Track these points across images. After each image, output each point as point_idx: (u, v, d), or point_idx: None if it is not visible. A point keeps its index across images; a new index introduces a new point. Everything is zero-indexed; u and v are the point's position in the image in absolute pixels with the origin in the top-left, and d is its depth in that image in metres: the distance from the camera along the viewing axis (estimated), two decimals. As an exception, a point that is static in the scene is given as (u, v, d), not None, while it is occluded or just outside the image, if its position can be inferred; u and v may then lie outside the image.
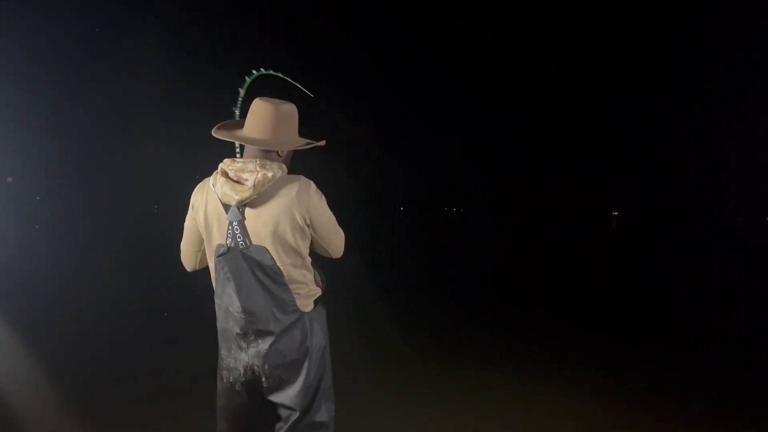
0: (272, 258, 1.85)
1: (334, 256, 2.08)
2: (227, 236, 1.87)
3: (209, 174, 1.92)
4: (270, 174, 1.83)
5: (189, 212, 1.97)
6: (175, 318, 5.99)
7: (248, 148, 1.93)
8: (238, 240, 1.85)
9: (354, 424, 3.26)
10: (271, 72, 2.12)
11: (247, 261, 1.85)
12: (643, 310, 7.82)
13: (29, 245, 11.66)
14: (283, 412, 1.95)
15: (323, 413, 1.99)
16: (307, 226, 1.89)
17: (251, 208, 1.84)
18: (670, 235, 30.89)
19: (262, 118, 1.90)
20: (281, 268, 1.87)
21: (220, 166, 1.89)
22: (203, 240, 1.96)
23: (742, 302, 8.58)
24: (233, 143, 1.97)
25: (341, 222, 2.07)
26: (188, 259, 2.07)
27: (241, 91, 2.07)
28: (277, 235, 1.84)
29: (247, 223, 1.84)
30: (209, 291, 2.00)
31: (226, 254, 1.88)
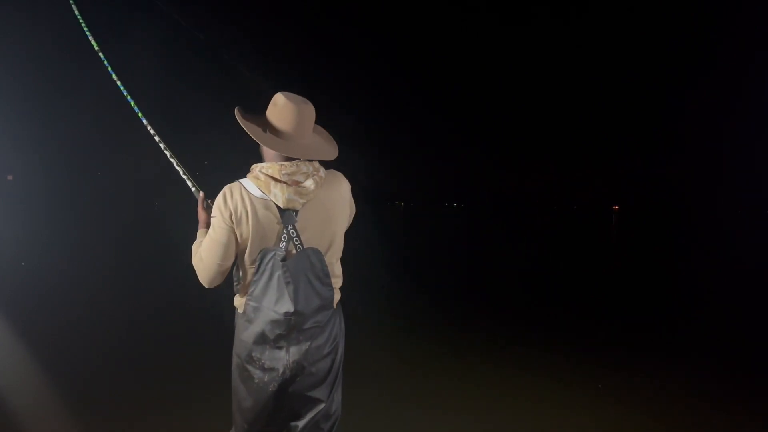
0: (323, 259, 1.88)
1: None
2: (281, 241, 1.84)
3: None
4: (322, 173, 1.87)
5: (223, 224, 1.83)
6: (175, 316, 6.00)
7: (279, 146, 1.86)
8: (295, 243, 1.85)
9: (353, 413, 3.28)
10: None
11: (303, 264, 1.86)
12: (646, 303, 7.83)
13: (29, 242, 11.66)
14: (311, 404, 1.97)
15: (337, 402, 2.05)
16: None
17: (305, 210, 1.85)
18: (671, 228, 30.89)
19: (310, 125, 1.90)
20: (329, 267, 1.91)
21: (261, 170, 1.83)
22: (236, 252, 1.88)
23: (742, 296, 8.60)
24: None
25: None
26: (215, 275, 1.89)
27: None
28: (332, 235, 1.89)
29: (299, 225, 1.84)
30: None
31: (286, 259, 1.84)
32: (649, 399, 3.95)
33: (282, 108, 1.86)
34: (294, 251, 1.85)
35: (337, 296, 1.99)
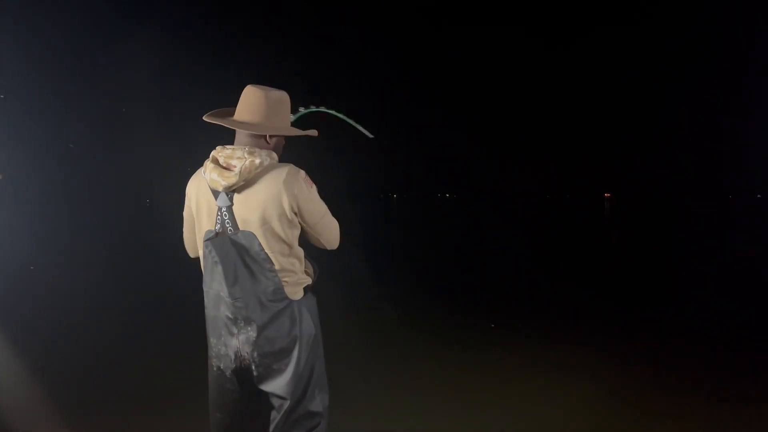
0: (260, 245, 1.84)
1: (328, 248, 2.04)
2: (216, 222, 1.87)
3: (201, 166, 1.92)
4: (257, 161, 1.82)
5: (186, 201, 2.00)
6: (167, 312, 6.00)
7: (238, 135, 1.93)
8: (227, 226, 1.85)
9: (348, 414, 3.29)
10: (323, 109, 2.22)
11: (235, 246, 1.85)
12: (641, 293, 7.88)
13: (22, 242, 11.59)
14: (275, 402, 1.93)
15: (317, 403, 1.97)
16: (295, 214, 1.87)
17: (239, 194, 1.83)
18: (664, 215, 31.05)
19: (252, 103, 1.90)
20: (270, 255, 1.85)
21: (212, 153, 1.90)
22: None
23: (737, 282, 8.67)
24: (231, 136, 1.96)
25: (334, 212, 2.05)
26: (191, 247, 2.08)
27: (292, 117, 2.09)
28: (264, 222, 1.83)
29: (235, 209, 1.84)
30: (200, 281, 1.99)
31: (214, 239, 1.88)
32: (649, 393, 3.98)
33: (242, 93, 1.95)
34: (227, 233, 1.87)
35: (293, 290, 1.92)
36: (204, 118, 1.95)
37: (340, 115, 2.23)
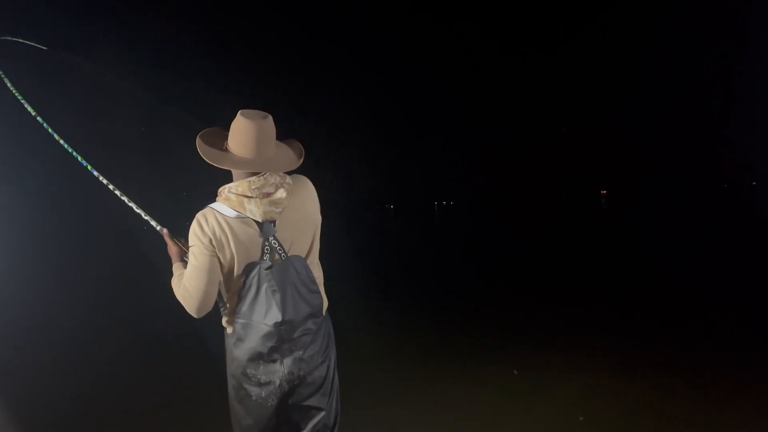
0: (307, 266, 1.92)
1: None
2: (264, 252, 1.86)
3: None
4: (290, 181, 1.91)
5: (204, 250, 1.83)
6: (159, 342, 5.94)
7: (245, 165, 1.86)
8: (279, 253, 1.88)
9: (351, 421, 3.28)
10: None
11: (289, 272, 1.88)
12: (644, 289, 7.88)
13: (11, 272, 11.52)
14: (312, 414, 1.98)
15: (336, 410, 2.06)
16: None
17: (280, 219, 1.87)
18: (661, 210, 31.11)
19: (271, 135, 1.89)
20: (313, 272, 1.94)
21: (231, 191, 1.84)
22: (221, 276, 1.88)
23: (735, 274, 8.68)
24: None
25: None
26: (203, 302, 1.86)
27: None
28: (309, 240, 1.93)
29: (279, 235, 1.87)
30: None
31: (271, 268, 1.86)
32: (648, 398, 3.97)
33: (242, 127, 1.85)
34: (279, 260, 1.88)
35: (326, 303, 2.01)
36: (211, 162, 1.85)
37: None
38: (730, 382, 3.89)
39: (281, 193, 1.85)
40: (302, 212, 1.92)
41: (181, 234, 2.02)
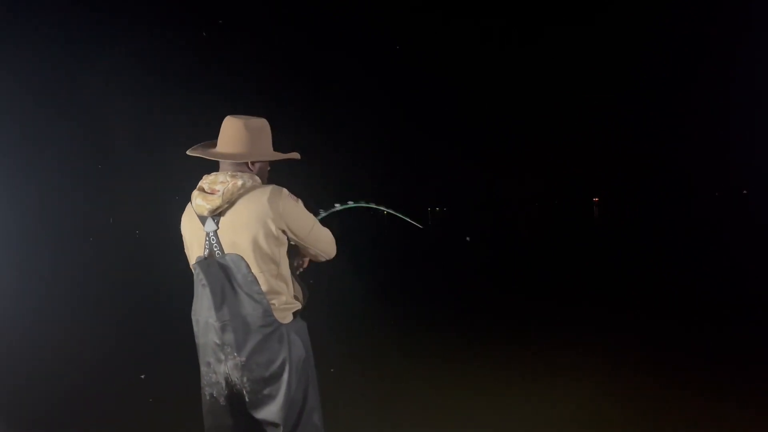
0: (248, 267, 1.85)
1: (327, 257, 2.08)
2: (204, 247, 1.90)
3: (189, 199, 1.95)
4: (240, 182, 1.86)
5: (183, 240, 2.01)
6: (158, 346, 5.92)
7: (222, 165, 1.97)
8: (215, 250, 1.88)
9: (351, 421, 3.28)
10: (363, 204, 2.35)
11: (222, 269, 1.86)
12: (640, 295, 7.91)
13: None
14: (269, 429, 1.88)
15: (310, 430, 1.93)
16: (283, 232, 1.89)
17: (225, 217, 1.86)
18: (653, 218, 31.25)
19: (233, 134, 1.94)
20: (257, 276, 1.86)
21: (199, 183, 1.94)
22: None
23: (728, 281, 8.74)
24: (216, 167, 1.98)
25: (333, 225, 2.09)
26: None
27: (338, 206, 2.28)
28: (251, 244, 1.84)
29: (221, 233, 1.87)
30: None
31: (201, 262, 1.90)
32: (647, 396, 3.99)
33: (222, 125, 1.99)
34: (214, 257, 1.89)
35: (281, 314, 1.90)
36: (188, 152, 1.99)
37: (386, 210, 2.37)
38: (730, 382, 3.93)
39: (220, 192, 1.85)
40: (245, 217, 1.84)
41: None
